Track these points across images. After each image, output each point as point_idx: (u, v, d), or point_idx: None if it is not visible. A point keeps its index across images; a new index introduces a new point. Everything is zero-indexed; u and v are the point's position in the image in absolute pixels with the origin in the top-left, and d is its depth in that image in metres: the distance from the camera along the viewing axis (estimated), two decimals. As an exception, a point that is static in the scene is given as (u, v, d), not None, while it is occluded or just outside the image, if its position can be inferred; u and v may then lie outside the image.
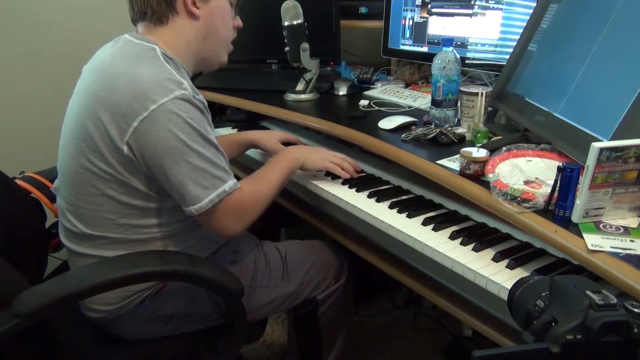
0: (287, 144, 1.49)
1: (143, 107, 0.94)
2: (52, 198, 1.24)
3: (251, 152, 1.59)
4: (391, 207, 1.18)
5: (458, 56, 1.29)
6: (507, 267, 0.93)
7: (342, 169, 1.31)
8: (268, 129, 1.75)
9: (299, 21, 1.60)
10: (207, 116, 1.03)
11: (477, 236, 1.03)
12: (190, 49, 1.10)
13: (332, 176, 1.35)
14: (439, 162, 1.12)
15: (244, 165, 1.60)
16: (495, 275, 0.91)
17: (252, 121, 1.86)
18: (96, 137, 0.99)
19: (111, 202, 1.03)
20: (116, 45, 1.07)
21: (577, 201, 0.84)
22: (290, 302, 1.24)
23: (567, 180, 0.85)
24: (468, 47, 1.51)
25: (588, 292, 0.50)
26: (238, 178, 1.10)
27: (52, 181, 1.25)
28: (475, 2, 1.47)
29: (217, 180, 1.01)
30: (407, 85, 1.77)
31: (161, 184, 1.01)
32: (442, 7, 1.58)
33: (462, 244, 1.01)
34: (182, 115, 0.96)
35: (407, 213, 1.14)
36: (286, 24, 1.60)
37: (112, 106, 0.97)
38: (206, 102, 1.05)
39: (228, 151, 1.12)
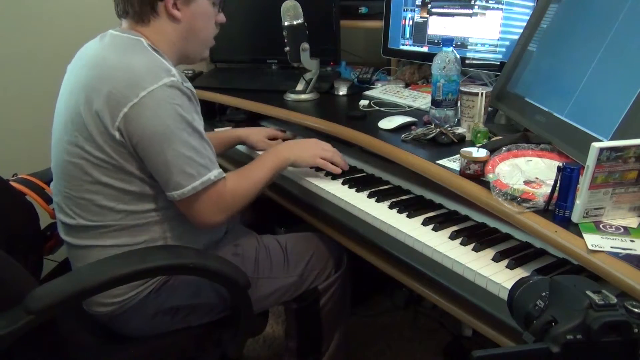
0: (274, 139, 1.55)
1: (134, 94, 0.98)
2: (47, 199, 1.24)
3: (243, 147, 1.61)
4: (391, 207, 1.18)
5: (458, 56, 1.29)
6: (507, 267, 0.93)
7: (333, 163, 1.31)
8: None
9: (299, 21, 1.60)
10: (195, 104, 1.07)
11: (477, 236, 1.03)
12: (173, 48, 1.13)
13: (326, 173, 1.36)
14: (439, 162, 1.12)
15: (235, 160, 1.62)
16: (495, 275, 0.91)
17: (252, 121, 1.86)
18: (90, 125, 1.01)
19: (108, 189, 1.05)
20: (103, 41, 1.10)
21: (577, 201, 0.84)
22: (292, 293, 1.25)
23: (567, 180, 0.85)
24: (468, 47, 1.51)
25: (588, 292, 0.50)
26: (225, 171, 1.11)
27: (46, 183, 1.25)
28: (475, 2, 1.47)
29: (202, 168, 1.04)
30: (407, 85, 1.77)
31: (148, 168, 1.04)
32: (442, 7, 1.57)
33: (462, 244, 1.01)
34: (170, 102, 0.99)
35: (407, 213, 1.14)
36: (286, 24, 1.60)
37: (107, 95, 1.00)
38: (195, 90, 1.07)
39: (214, 147, 1.13)
